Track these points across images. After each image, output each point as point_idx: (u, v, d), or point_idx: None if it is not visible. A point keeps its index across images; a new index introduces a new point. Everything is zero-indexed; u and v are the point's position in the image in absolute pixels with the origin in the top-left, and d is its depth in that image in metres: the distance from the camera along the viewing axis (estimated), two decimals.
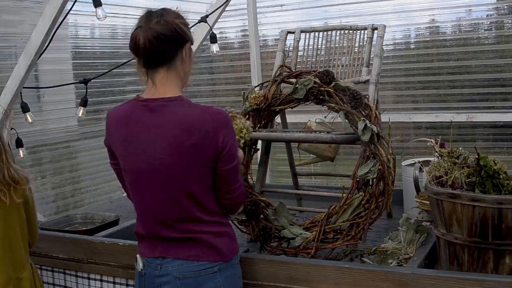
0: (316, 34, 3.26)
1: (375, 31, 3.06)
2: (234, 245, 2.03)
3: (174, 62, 1.89)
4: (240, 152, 2.10)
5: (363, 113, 2.69)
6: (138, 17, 1.91)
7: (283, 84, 3.01)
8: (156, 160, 1.87)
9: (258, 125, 3.00)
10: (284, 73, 3.00)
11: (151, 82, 1.91)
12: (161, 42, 1.83)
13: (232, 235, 2.04)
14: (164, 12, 1.88)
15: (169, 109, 1.87)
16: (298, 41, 3.28)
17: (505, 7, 4.12)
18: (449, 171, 2.34)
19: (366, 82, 2.99)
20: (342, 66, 3.15)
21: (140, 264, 2.00)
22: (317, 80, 2.77)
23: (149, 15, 1.87)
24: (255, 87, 3.09)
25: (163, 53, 1.86)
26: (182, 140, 1.83)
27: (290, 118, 3.37)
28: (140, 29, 1.84)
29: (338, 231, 2.65)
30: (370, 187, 2.63)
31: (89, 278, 2.62)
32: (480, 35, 4.25)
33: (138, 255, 2.03)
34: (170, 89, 1.90)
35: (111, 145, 2.00)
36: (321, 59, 3.22)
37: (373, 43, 3.04)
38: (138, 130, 1.90)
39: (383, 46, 3.05)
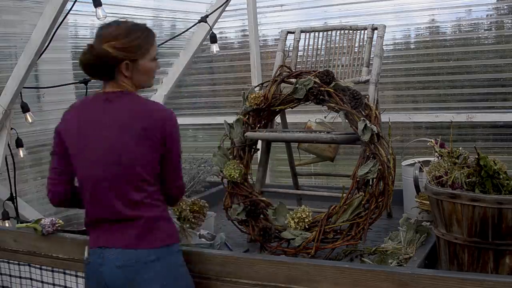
0: (316, 34, 3.26)
1: (375, 31, 3.06)
2: (171, 236, 2.10)
3: (114, 77, 2.04)
4: None
5: (363, 113, 2.69)
6: (138, 16, 1.97)
7: (283, 84, 3.01)
8: (113, 140, 1.99)
9: (258, 125, 3.00)
10: (284, 73, 3.00)
11: (103, 84, 2.09)
12: (89, 68, 2.02)
13: (168, 225, 2.11)
14: (100, 33, 2.02)
15: (122, 99, 2.03)
16: (298, 41, 3.28)
17: (505, 7, 4.11)
18: (449, 171, 2.34)
19: (366, 82, 2.99)
20: (342, 66, 3.15)
21: (85, 254, 2.10)
22: (317, 80, 2.77)
23: (97, 35, 2.03)
24: (255, 87, 3.09)
25: (98, 74, 2.05)
26: (131, 123, 1.99)
27: (290, 118, 3.37)
28: (82, 51, 2.01)
29: (338, 231, 2.65)
30: (370, 187, 2.63)
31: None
32: (480, 35, 4.25)
33: (86, 246, 2.12)
34: (121, 88, 2.05)
35: (61, 134, 2.09)
36: (321, 59, 3.23)
37: (373, 43, 3.05)
38: (92, 115, 2.04)
39: (383, 46, 3.05)
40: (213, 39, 3.93)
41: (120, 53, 1.98)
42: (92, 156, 2.01)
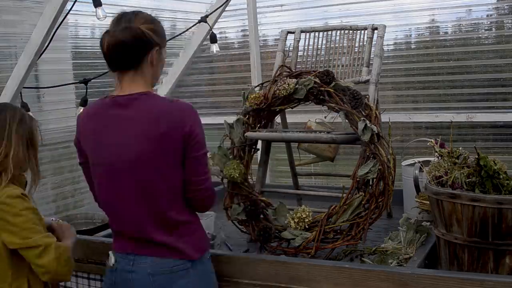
0: (316, 34, 3.26)
1: (375, 31, 3.06)
2: (203, 244, 2.07)
3: (140, 66, 1.94)
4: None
5: (363, 113, 2.69)
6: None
7: None
8: (128, 150, 1.90)
9: (258, 125, 3.00)
10: (284, 73, 3.00)
11: (118, 82, 1.96)
12: (122, 49, 1.88)
13: (200, 232, 2.07)
14: (133, 16, 1.92)
15: (138, 102, 1.92)
16: (298, 41, 3.28)
17: (505, 7, 4.11)
18: (449, 171, 2.35)
19: (366, 82, 2.99)
20: (342, 66, 3.15)
21: (112, 259, 2.02)
22: (317, 80, 2.77)
23: (119, 19, 1.93)
24: (255, 87, 3.09)
25: (126, 59, 1.91)
26: (150, 130, 1.88)
27: (290, 118, 3.36)
28: (106, 34, 1.90)
29: (338, 231, 2.65)
30: (370, 187, 2.63)
31: (89, 278, 2.62)
32: (480, 35, 4.25)
33: (110, 251, 2.05)
34: (137, 87, 1.95)
35: (81, 143, 2.02)
36: (321, 59, 3.22)
37: (373, 43, 3.04)
38: (108, 123, 1.94)
39: (383, 46, 3.05)
40: (213, 39, 3.93)
41: (155, 37, 1.92)
42: (109, 171, 1.94)
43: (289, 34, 3.31)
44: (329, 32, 3.23)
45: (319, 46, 3.25)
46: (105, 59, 1.93)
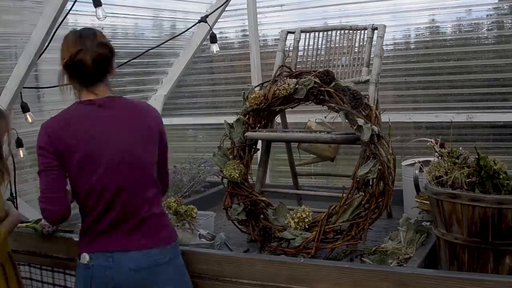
0: (316, 34, 3.26)
1: (375, 31, 3.06)
2: (171, 225, 2.24)
3: (105, 79, 2.10)
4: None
5: (363, 113, 2.69)
6: (138, 16, 2.01)
7: None
8: (124, 144, 2.04)
9: (258, 125, 3.00)
10: (284, 73, 3.00)
11: (86, 91, 2.08)
12: (105, 62, 2.05)
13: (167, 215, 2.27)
14: (92, 33, 2.06)
15: (117, 103, 2.10)
16: (298, 41, 3.28)
17: (505, 7, 4.12)
18: (449, 171, 2.34)
19: (366, 82, 2.99)
20: (342, 66, 3.15)
21: (85, 258, 2.05)
22: (317, 80, 2.77)
23: (85, 36, 2.03)
24: (255, 87, 3.09)
25: (102, 73, 2.07)
26: (139, 122, 2.09)
27: (290, 118, 3.37)
28: (83, 51, 2.00)
29: (338, 231, 2.65)
30: (370, 187, 2.63)
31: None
32: (480, 35, 4.25)
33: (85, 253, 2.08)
34: (107, 93, 2.11)
35: (64, 145, 2.02)
36: (321, 59, 3.23)
37: (373, 43, 3.05)
38: (93, 124, 2.04)
39: (383, 46, 3.05)
40: (213, 39, 3.93)
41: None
42: (110, 164, 2.01)
43: (289, 34, 3.31)
44: (329, 32, 3.23)
45: (319, 46, 3.25)
46: (76, 75, 2.05)
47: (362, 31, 3.11)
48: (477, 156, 2.25)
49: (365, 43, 3.08)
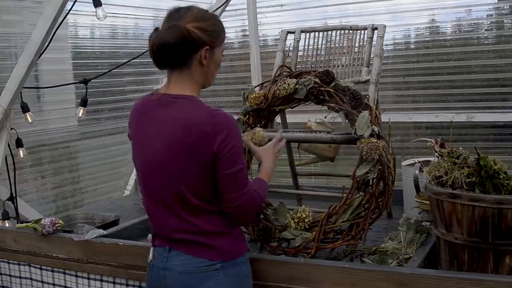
0: (316, 34, 3.26)
1: (375, 31, 3.06)
2: (238, 246, 2.01)
3: (187, 66, 1.89)
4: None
5: None
6: (139, 16, 1.94)
7: None
8: (155, 154, 1.90)
9: (258, 125, 3.00)
10: (284, 73, 3.00)
11: (167, 80, 1.94)
12: (166, 49, 1.84)
13: (235, 235, 2.01)
14: (183, 13, 1.87)
15: (176, 106, 1.88)
16: (298, 41, 3.28)
17: (505, 7, 4.12)
18: (449, 171, 2.34)
19: (366, 82, 2.99)
20: (342, 66, 3.15)
21: (150, 255, 2.03)
22: (317, 80, 2.77)
23: (170, 16, 1.88)
24: (255, 87, 3.09)
25: (171, 59, 1.87)
26: (179, 137, 1.84)
27: (290, 118, 3.37)
28: (154, 32, 1.86)
29: (338, 231, 2.65)
30: (370, 187, 2.63)
31: (89, 278, 2.62)
32: (480, 35, 4.25)
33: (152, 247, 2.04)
34: (182, 88, 1.91)
35: (130, 136, 2.03)
36: (321, 59, 3.22)
37: (373, 43, 3.04)
38: (145, 122, 1.94)
39: (383, 46, 3.05)
40: None
41: (204, 36, 1.85)
42: (146, 168, 1.95)
43: (289, 34, 3.31)
44: (329, 32, 3.23)
45: (319, 46, 3.25)
46: (150, 57, 1.90)
47: (362, 31, 3.11)
48: (477, 156, 2.25)
49: (365, 43, 3.08)
